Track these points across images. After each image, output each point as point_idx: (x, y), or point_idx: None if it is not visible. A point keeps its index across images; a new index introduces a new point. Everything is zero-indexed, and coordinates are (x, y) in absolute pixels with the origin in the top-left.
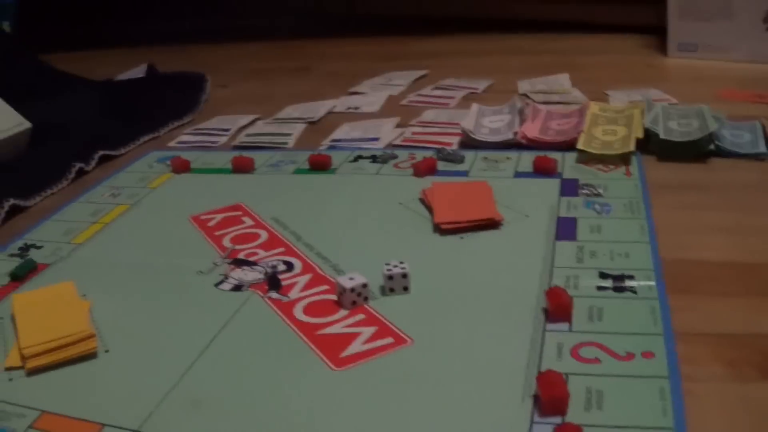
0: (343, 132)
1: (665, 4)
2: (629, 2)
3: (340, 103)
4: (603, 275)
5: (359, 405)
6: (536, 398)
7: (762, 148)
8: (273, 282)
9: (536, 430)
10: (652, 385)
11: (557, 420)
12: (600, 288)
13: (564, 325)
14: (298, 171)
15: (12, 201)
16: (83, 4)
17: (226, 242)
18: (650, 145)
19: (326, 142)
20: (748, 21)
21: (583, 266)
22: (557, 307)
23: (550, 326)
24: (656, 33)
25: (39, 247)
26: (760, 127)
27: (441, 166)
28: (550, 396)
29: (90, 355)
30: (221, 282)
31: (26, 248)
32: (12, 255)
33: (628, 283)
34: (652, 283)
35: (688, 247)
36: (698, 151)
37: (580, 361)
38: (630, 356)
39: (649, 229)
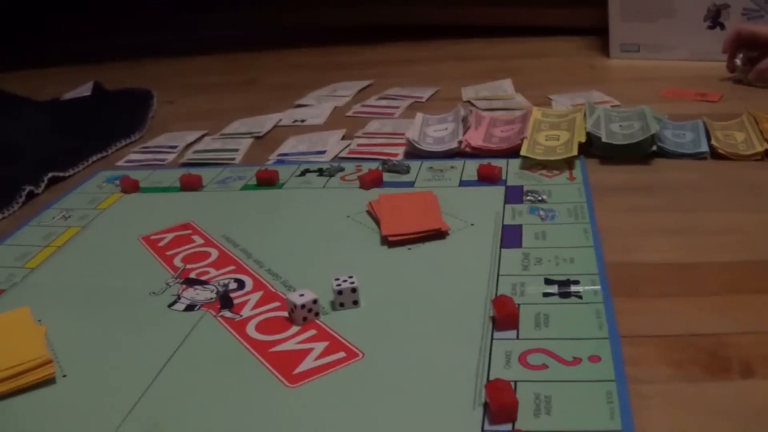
0: (289, 146)
1: (606, 5)
2: (571, 4)
3: (287, 116)
4: (548, 281)
5: (315, 420)
6: (486, 406)
7: (704, 147)
8: (225, 301)
9: None
10: (600, 388)
11: (507, 427)
12: (546, 294)
13: (512, 333)
14: (246, 187)
15: None
16: (24, 22)
17: (177, 262)
18: (593, 148)
19: (273, 157)
20: (689, 20)
21: (529, 273)
22: (504, 316)
23: (497, 334)
24: (598, 34)
25: None
26: (702, 126)
27: (387, 177)
28: (499, 404)
29: (48, 381)
30: (174, 302)
31: None
32: None
33: (574, 288)
34: (597, 287)
35: (632, 250)
36: (641, 152)
37: (528, 367)
38: (577, 361)
39: (593, 233)
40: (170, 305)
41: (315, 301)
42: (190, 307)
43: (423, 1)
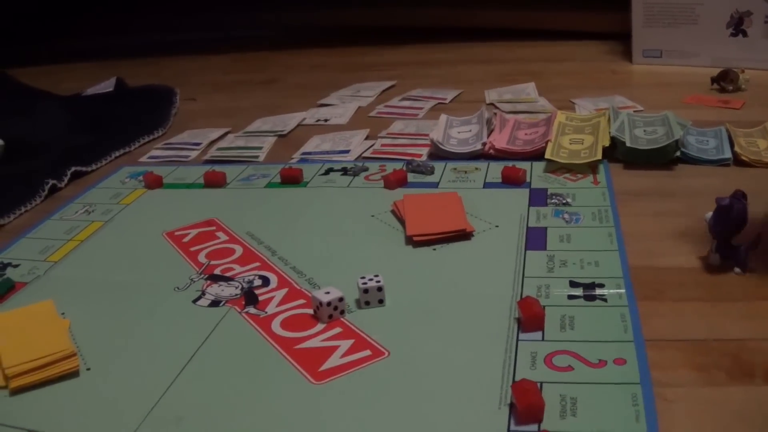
0: (313, 145)
1: (629, 11)
2: (594, 10)
3: (310, 115)
4: (573, 284)
5: (340, 418)
6: (512, 407)
7: (727, 154)
8: (250, 297)
9: None
10: (625, 391)
11: (533, 428)
12: (571, 297)
13: (537, 335)
14: (270, 185)
15: None
16: (48, 19)
17: (202, 258)
18: (617, 153)
19: (297, 155)
20: (712, 26)
21: (554, 275)
22: (530, 318)
23: (523, 336)
24: (621, 40)
25: (16, 266)
26: (725, 133)
27: (411, 177)
28: (526, 404)
29: (72, 374)
30: (198, 298)
31: (3, 267)
32: None
33: (599, 291)
34: (622, 290)
35: (657, 254)
36: (664, 158)
37: (554, 369)
38: (602, 363)
39: (617, 237)
40: (195, 301)
41: (341, 299)
42: (214, 303)
43: (444, 3)
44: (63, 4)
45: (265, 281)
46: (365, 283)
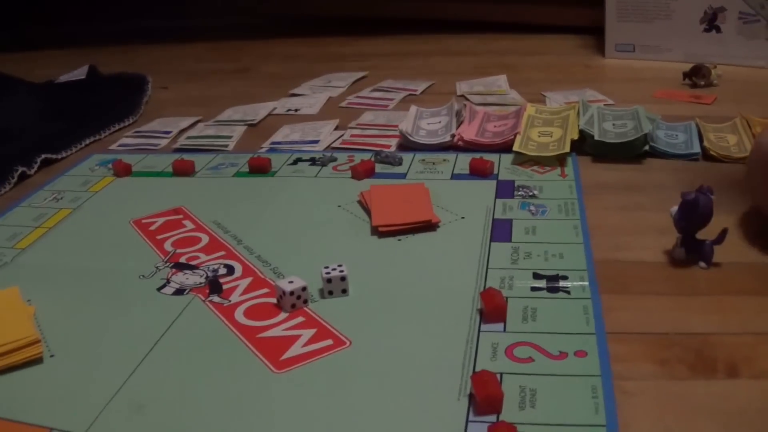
0: (282, 134)
1: (603, 5)
2: (567, 3)
3: (280, 105)
4: (537, 276)
5: (300, 406)
6: (471, 397)
7: (696, 149)
8: (214, 286)
9: (471, 428)
10: (585, 383)
11: (492, 419)
12: (534, 288)
13: (499, 326)
14: (239, 174)
15: None
16: (20, 5)
17: (168, 246)
18: (585, 146)
19: (266, 145)
20: (686, 22)
21: (518, 267)
22: (492, 309)
23: (485, 327)
24: (594, 34)
25: None
26: (694, 128)
27: (379, 168)
28: (484, 395)
29: (35, 360)
30: (163, 286)
31: None
32: None
33: (562, 283)
34: (586, 283)
35: (621, 248)
36: (633, 152)
37: (514, 360)
38: (563, 355)
39: (583, 230)
40: (159, 289)
41: (304, 289)
42: (179, 291)
43: None
44: None
45: (230, 270)
46: (328, 273)
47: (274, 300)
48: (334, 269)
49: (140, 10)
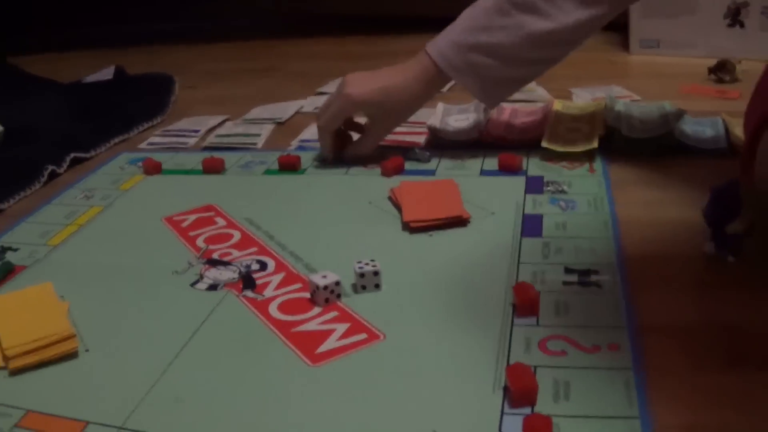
0: (311, 132)
1: None
2: None
3: (308, 103)
4: (568, 270)
5: (337, 399)
6: (506, 390)
7: (723, 144)
8: (248, 281)
9: (506, 420)
10: (618, 376)
11: (527, 411)
12: (566, 283)
13: (531, 320)
14: (268, 171)
15: None
16: (47, 7)
17: (200, 243)
18: (613, 141)
19: (295, 143)
20: (710, 17)
21: (549, 262)
22: (525, 302)
23: (517, 320)
24: (618, 30)
25: (15, 250)
26: (721, 123)
27: (408, 165)
28: (519, 387)
29: (71, 355)
30: (197, 281)
31: (2, 251)
32: None
33: (593, 277)
34: (617, 277)
35: (651, 242)
36: (660, 147)
37: (548, 353)
38: (596, 348)
39: (612, 224)
40: (193, 284)
41: (337, 283)
42: (212, 287)
43: None
44: None
45: (263, 266)
46: (361, 268)
47: (307, 295)
48: (367, 264)
49: (164, 12)
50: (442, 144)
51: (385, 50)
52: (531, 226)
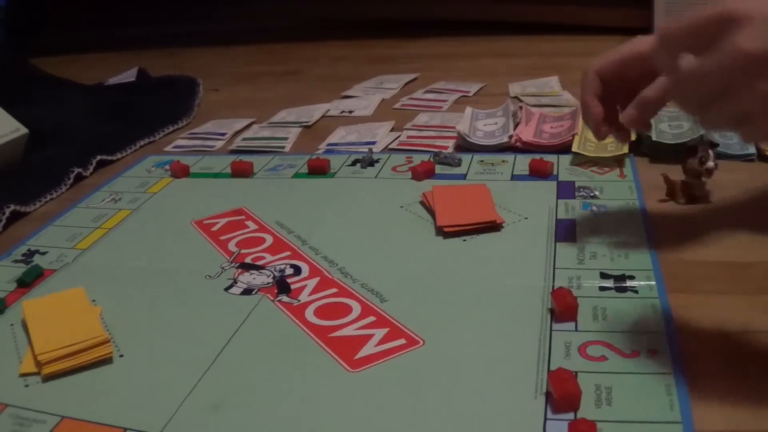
0: (338, 136)
1: (651, 5)
2: (616, 4)
3: (334, 107)
4: (604, 275)
5: (377, 405)
6: (548, 395)
7: (751, 149)
8: (282, 285)
9: (550, 426)
10: (659, 381)
11: (570, 416)
12: (602, 288)
13: (570, 325)
14: (298, 175)
15: (12, 207)
16: (70, 9)
17: (232, 246)
18: (642, 147)
19: (323, 146)
20: None
21: (585, 267)
22: (564, 308)
23: (556, 326)
24: (643, 35)
25: (43, 253)
26: None
27: (439, 169)
28: (563, 393)
29: (105, 360)
30: (230, 286)
31: (30, 254)
32: (16, 261)
33: (629, 282)
34: (653, 282)
35: (684, 247)
36: (689, 152)
37: (588, 359)
38: (636, 353)
39: (645, 229)
40: (227, 289)
41: None
42: (247, 291)
43: None
44: None
45: (297, 270)
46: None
47: (343, 300)
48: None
49: (186, 14)
50: (472, 148)
51: (408, 54)
52: (564, 231)
